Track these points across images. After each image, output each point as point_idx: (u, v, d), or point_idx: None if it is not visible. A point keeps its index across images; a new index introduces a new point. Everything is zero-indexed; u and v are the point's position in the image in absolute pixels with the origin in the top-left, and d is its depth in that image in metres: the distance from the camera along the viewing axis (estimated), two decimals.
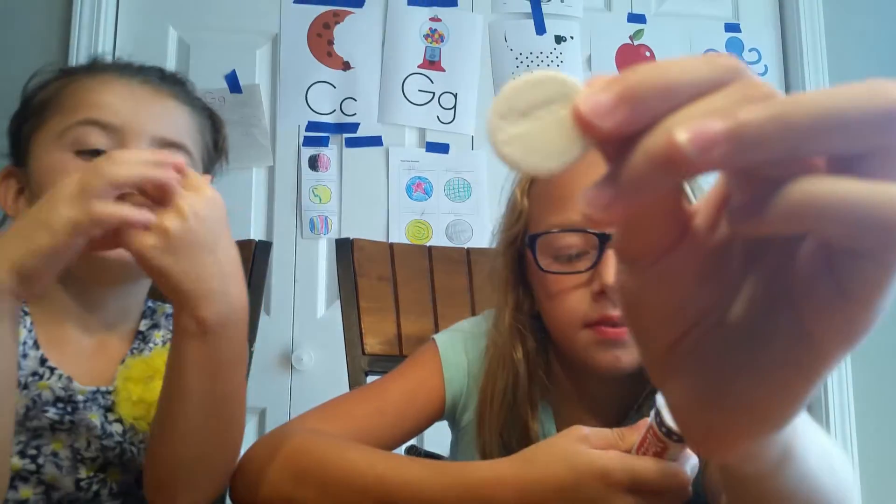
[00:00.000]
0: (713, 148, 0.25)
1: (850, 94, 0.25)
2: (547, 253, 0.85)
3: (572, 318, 0.83)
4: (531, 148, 0.29)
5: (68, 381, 0.83)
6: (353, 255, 1.29)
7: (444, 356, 0.94)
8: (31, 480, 0.82)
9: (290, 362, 1.94)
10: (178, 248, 0.65)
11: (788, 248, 0.30)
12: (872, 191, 0.25)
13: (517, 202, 0.91)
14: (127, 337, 0.91)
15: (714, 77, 0.27)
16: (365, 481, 0.69)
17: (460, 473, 0.66)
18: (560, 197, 0.86)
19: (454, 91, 2.06)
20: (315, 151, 2.02)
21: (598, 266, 0.82)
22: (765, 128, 0.25)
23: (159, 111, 0.87)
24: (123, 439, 0.85)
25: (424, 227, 2.03)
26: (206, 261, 0.67)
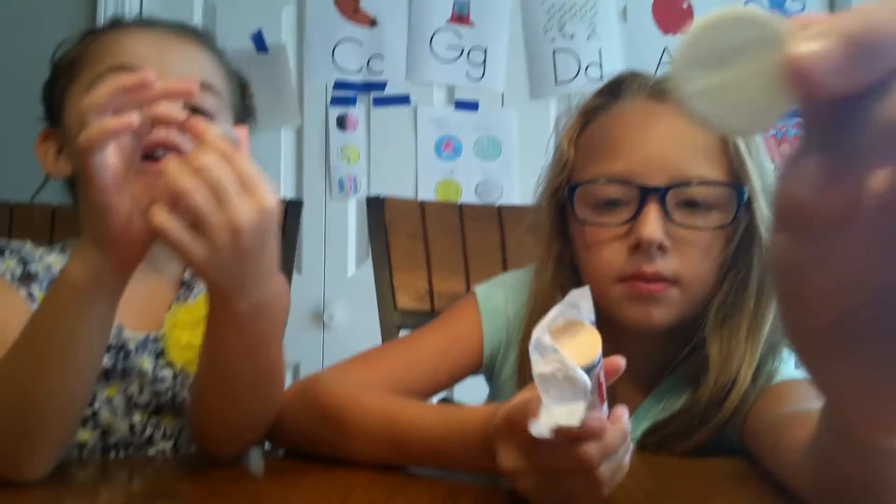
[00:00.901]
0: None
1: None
2: (586, 203, 0.84)
3: (607, 271, 0.83)
4: (729, 104, 0.25)
5: (119, 328, 0.85)
6: (384, 213, 1.29)
7: (484, 309, 0.94)
8: (89, 425, 0.85)
9: (321, 320, 1.96)
10: (228, 263, 0.62)
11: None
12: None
13: (563, 151, 0.89)
14: (173, 285, 0.92)
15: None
16: (377, 423, 0.71)
17: (457, 415, 0.67)
18: (605, 146, 0.85)
19: (484, 46, 2.03)
20: (343, 111, 2.01)
21: (637, 219, 0.81)
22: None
23: (185, 54, 0.88)
24: (175, 384, 0.87)
25: (453, 187, 2.02)
26: (252, 268, 0.64)
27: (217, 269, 0.62)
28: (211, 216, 0.60)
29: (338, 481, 0.67)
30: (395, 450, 0.70)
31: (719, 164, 0.82)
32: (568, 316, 0.54)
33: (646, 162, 0.81)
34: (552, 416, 0.51)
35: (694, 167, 0.81)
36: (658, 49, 2.06)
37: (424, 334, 0.94)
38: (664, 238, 0.79)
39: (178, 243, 0.60)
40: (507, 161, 2.02)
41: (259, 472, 0.77)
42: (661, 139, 0.82)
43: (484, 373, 0.98)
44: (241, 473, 0.73)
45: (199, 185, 0.59)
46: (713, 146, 0.82)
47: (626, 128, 0.85)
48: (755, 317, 0.83)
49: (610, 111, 0.88)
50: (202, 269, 0.62)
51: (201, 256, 0.61)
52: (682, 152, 0.82)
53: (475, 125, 2.02)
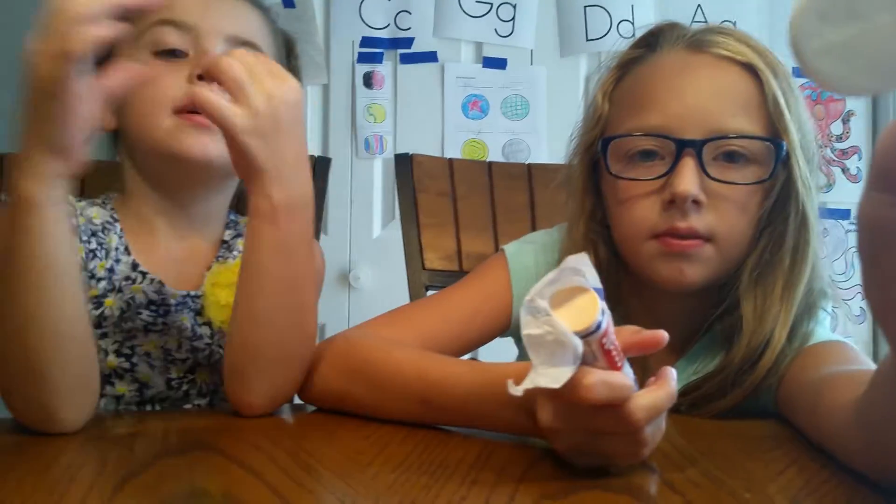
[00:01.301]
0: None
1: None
2: (619, 157, 0.83)
3: (640, 227, 0.81)
4: (859, 61, 0.22)
5: (160, 284, 0.86)
6: (413, 171, 1.28)
7: (513, 267, 0.93)
8: (126, 378, 0.86)
9: (347, 281, 1.96)
10: (265, 130, 0.68)
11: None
12: None
13: (598, 105, 0.88)
14: (213, 245, 0.93)
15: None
16: (406, 378, 0.71)
17: (490, 371, 0.67)
18: (641, 99, 0.83)
19: (513, 2, 1.99)
20: (369, 68, 1.99)
21: (672, 174, 0.79)
22: None
23: (232, 11, 0.88)
24: (212, 341, 0.88)
25: (480, 147, 2.00)
26: (287, 144, 0.71)
27: (256, 135, 0.68)
28: (247, 84, 0.67)
29: (373, 437, 0.67)
30: (426, 407, 0.69)
31: (758, 118, 0.80)
32: (573, 281, 0.52)
33: (682, 114, 0.79)
34: (536, 377, 0.50)
35: (732, 121, 0.79)
36: (692, 4, 2.01)
37: (454, 292, 0.93)
38: (699, 193, 0.78)
39: (219, 110, 0.66)
40: (535, 121, 1.99)
41: (293, 425, 0.77)
42: (698, 91, 0.81)
43: (512, 334, 0.97)
44: (277, 426, 0.74)
45: (235, 63, 0.68)
46: (752, 99, 0.81)
47: (663, 79, 0.83)
48: (790, 275, 0.81)
49: (646, 63, 0.86)
50: (243, 134, 0.67)
51: (242, 120, 0.67)
52: (720, 105, 0.80)
53: (503, 83, 2.00)
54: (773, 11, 2.06)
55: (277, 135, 0.69)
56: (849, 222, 2.05)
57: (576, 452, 0.56)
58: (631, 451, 0.55)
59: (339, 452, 0.62)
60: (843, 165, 2.07)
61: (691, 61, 0.83)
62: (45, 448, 0.63)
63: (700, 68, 0.82)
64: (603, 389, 0.52)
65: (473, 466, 0.58)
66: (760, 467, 0.60)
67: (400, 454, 0.61)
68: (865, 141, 2.08)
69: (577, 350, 0.50)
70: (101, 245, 0.86)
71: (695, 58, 0.83)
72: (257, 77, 0.68)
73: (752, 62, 0.82)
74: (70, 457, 0.61)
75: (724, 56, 0.82)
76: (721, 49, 0.82)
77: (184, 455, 0.61)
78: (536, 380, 0.50)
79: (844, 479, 0.58)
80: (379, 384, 0.73)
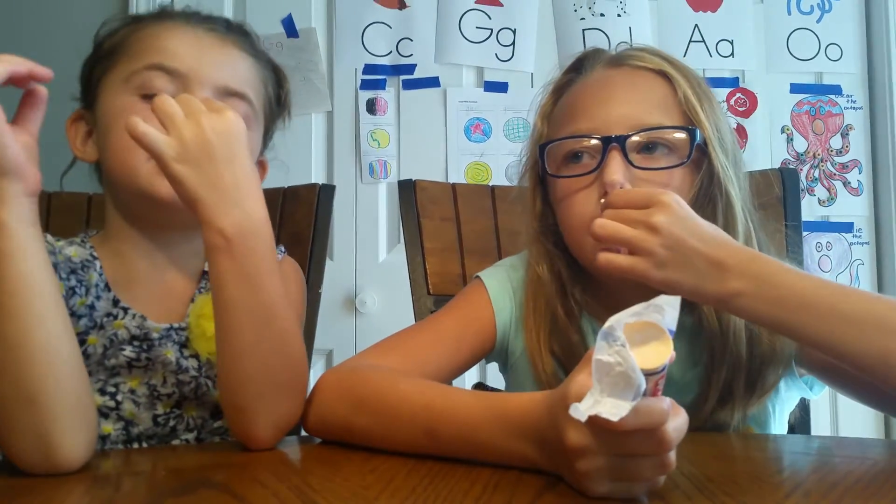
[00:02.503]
0: None
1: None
2: (556, 161, 0.91)
3: (580, 220, 0.88)
4: None
5: (142, 319, 0.86)
6: (416, 197, 1.28)
7: (490, 287, 0.99)
8: (112, 416, 0.85)
9: (353, 305, 1.96)
10: (194, 157, 0.71)
11: None
12: None
13: (538, 127, 0.98)
14: (195, 276, 0.93)
15: None
16: (413, 409, 0.71)
17: (498, 401, 0.67)
18: (571, 113, 0.92)
19: (513, 27, 2.01)
20: (372, 95, 2.01)
21: (602, 167, 0.86)
22: None
23: (223, 59, 0.89)
24: (199, 374, 0.88)
25: (484, 169, 2.01)
26: (222, 172, 0.72)
27: (185, 162, 0.71)
28: (177, 116, 0.72)
29: (378, 470, 0.66)
30: (432, 437, 0.69)
31: (674, 115, 0.90)
32: (649, 317, 0.53)
33: (607, 118, 0.88)
34: (597, 404, 0.50)
35: (650, 116, 0.88)
36: (689, 26, 2.03)
37: (442, 316, 0.97)
38: (626, 182, 0.85)
39: (146, 137, 0.71)
40: None
41: (298, 460, 0.77)
42: (619, 97, 0.90)
43: (496, 355, 1.01)
44: (281, 460, 0.73)
45: (168, 98, 0.73)
46: (666, 98, 0.90)
47: (589, 93, 0.93)
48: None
49: (575, 83, 0.96)
50: (171, 161, 0.71)
51: (169, 148, 0.71)
52: (638, 105, 0.89)
53: (505, 106, 2.01)
54: (769, 30, 2.07)
55: (210, 163, 0.72)
56: (852, 235, 2.05)
57: (598, 475, 0.55)
58: (656, 473, 0.56)
59: (344, 487, 0.62)
60: (844, 179, 2.07)
61: (612, 74, 0.93)
62: (45, 491, 0.62)
63: (618, 78, 0.92)
64: (647, 416, 0.52)
65: (479, 499, 0.58)
66: (769, 491, 0.60)
67: (406, 487, 0.61)
68: (865, 154, 2.08)
69: (640, 388, 0.51)
70: (81, 282, 0.86)
71: (614, 71, 0.93)
72: (192, 111, 0.72)
73: (663, 69, 0.91)
74: (74, 499, 0.61)
75: (639, 66, 0.92)
76: (636, 61, 0.93)
77: (188, 494, 0.61)
78: (598, 408, 0.51)
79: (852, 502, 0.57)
80: (385, 414, 0.73)
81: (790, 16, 2.07)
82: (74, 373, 0.69)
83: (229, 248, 0.72)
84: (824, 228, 2.06)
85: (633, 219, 0.76)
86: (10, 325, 0.66)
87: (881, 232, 2.07)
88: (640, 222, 0.76)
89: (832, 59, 2.07)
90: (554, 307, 0.93)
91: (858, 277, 2.05)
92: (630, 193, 0.79)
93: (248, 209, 0.74)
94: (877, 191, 2.08)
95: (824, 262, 2.04)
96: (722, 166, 0.88)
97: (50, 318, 0.67)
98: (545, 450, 0.61)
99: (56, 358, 0.67)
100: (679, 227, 0.75)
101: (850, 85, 2.08)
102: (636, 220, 0.76)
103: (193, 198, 0.72)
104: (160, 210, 0.84)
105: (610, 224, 0.77)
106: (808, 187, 2.06)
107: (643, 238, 0.75)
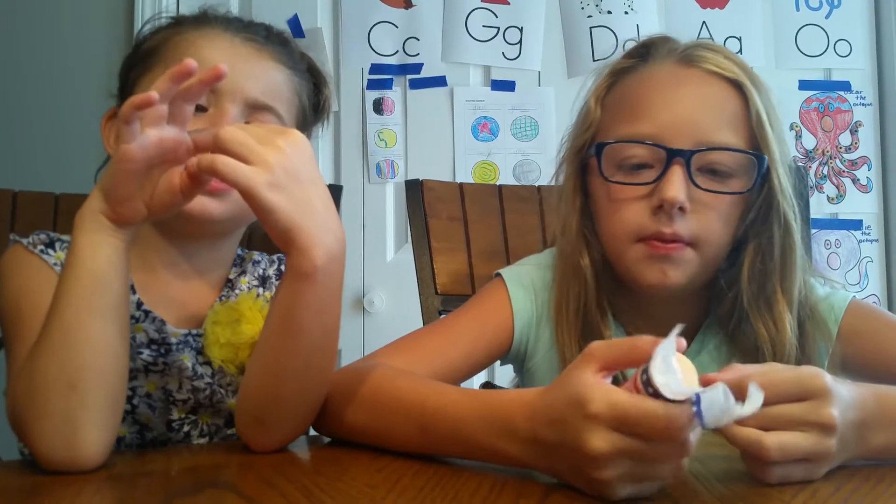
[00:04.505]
0: None
1: None
2: (612, 162, 0.87)
3: (627, 229, 0.86)
4: None
5: (162, 323, 0.86)
6: (424, 196, 1.28)
7: (511, 288, 0.96)
8: (127, 420, 0.85)
9: (361, 305, 1.97)
10: (283, 183, 0.66)
11: None
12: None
13: (590, 110, 0.92)
14: (217, 285, 0.93)
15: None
16: (407, 407, 0.71)
17: (489, 398, 0.66)
18: (633, 107, 0.88)
19: (520, 25, 2.01)
20: (379, 94, 2.01)
21: (662, 180, 0.83)
22: None
23: (256, 71, 0.88)
24: (213, 381, 0.88)
25: (491, 168, 2.01)
26: (311, 195, 0.68)
27: (276, 189, 0.65)
28: (252, 143, 0.66)
29: (386, 470, 0.67)
30: (426, 435, 0.69)
31: (741, 132, 0.86)
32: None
33: (672, 124, 0.84)
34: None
35: (718, 133, 0.84)
36: (697, 23, 2.02)
37: (458, 316, 0.95)
38: (686, 200, 0.82)
39: (233, 170, 0.64)
40: (544, 141, 2.00)
41: (306, 460, 0.77)
42: (688, 103, 0.86)
43: (512, 357, 0.99)
44: (290, 461, 0.73)
45: (232, 128, 0.67)
46: (736, 114, 0.86)
47: (655, 90, 0.88)
48: (784, 280, 0.88)
49: (638, 73, 0.91)
50: (261, 189, 0.64)
51: (257, 175, 0.64)
52: (707, 118, 0.85)
53: (512, 105, 2.01)
54: (778, 26, 2.06)
55: (299, 187, 0.67)
56: (861, 233, 2.04)
57: (620, 482, 0.54)
58: (671, 474, 0.55)
59: (352, 487, 0.62)
60: (854, 176, 2.06)
61: (681, 74, 0.88)
62: (59, 489, 0.63)
63: (689, 81, 0.87)
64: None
65: (487, 499, 0.58)
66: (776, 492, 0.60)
67: (413, 487, 0.61)
68: (874, 151, 2.07)
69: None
70: None
71: (685, 71, 0.88)
72: (262, 136, 0.67)
73: (738, 79, 0.87)
74: (85, 498, 0.61)
75: (712, 71, 0.87)
76: (710, 64, 0.88)
77: (197, 495, 0.61)
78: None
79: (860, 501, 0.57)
80: (382, 412, 0.73)
81: (798, 12, 2.07)
82: (118, 372, 0.69)
83: (314, 276, 0.68)
84: (833, 226, 2.05)
85: (796, 420, 0.59)
86: (70, 310, 0.67)
87: (890, 229, 2.06)
88: (809, 424, 0.59)
89: (841, 55, 2.06)
90: (589, 300, 0.90)
91: (867, 275, 2.04)
92: (778, 385, 0.59)
93: (338, 233, 0.70)
94: (886, 188, 2.07)
95: (833, 260, 2.03)
96: (783, 192, 0.86)
97: (109, 314, 0.68)
98: (537, 450, 0.59)
99: (105, 352, 0.68)
100: (848, 414, 0.61)
101: (860, 81, 2.07)
102: (802, 422, 0.59)
103: (289, 226, 0.66)
104: (184, 223, 0.84)
105: (784, 442, 0.59)
106: (816, 184, 2.05)
107: (819, 443, 0.59)
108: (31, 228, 0.91)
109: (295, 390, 0.73)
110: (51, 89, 1.97)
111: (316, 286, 0.69)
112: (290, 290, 0.70)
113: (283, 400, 0.73)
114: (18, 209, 1.13)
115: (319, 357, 0.74)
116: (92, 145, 0.92)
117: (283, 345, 0.71)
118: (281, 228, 0.67)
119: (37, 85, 1.98)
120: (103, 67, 0.94)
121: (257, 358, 0.75)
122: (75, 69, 1.94)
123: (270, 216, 0.66)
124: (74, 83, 1.91)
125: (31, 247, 0.84)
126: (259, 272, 0.96)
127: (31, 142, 1.96)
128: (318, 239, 0.68)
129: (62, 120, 1.93)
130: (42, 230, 0.88)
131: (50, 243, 0.85)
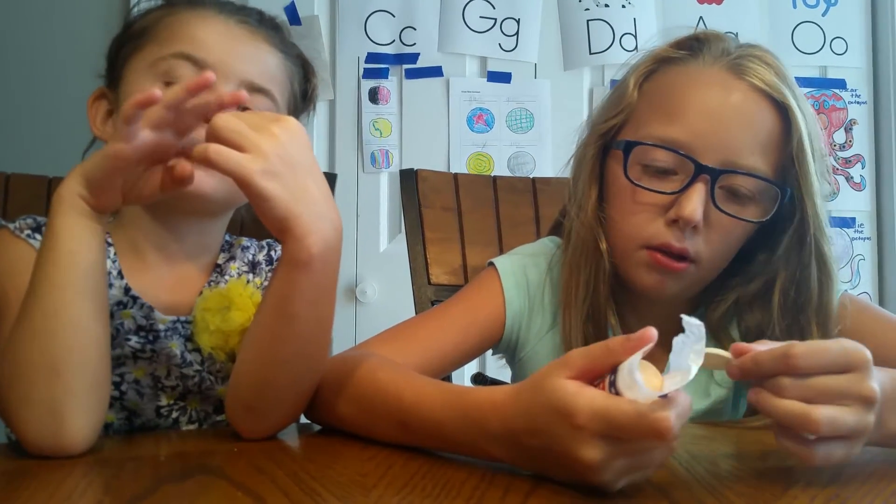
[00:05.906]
0: None
1: None
2: (637, 160, 0.85)
3: (637, 233, 0.85)
4: None
5: (150, 310, 0.85)
6: (418, 186, 1.28)
7: (504, 277, 0.95)
8: (115, 406, 0.85)
9: (354, 295, 1.96)
10: (279, 171, 0.65)
11: None
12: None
13: (627, 93, 0.89)
14: (206, 270, 0.92)
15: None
16: (387, 400, 0.70)
17: (462, 397, 0.65)
18: (671, 105, 0.85)
19: (517, 17, 2.00)
20: (375, 84, 2.00)
21: (683, 195, 0.82)
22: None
23: (251, 54, 0.88)
24: (202, 368, 0.87)
25: (486, 160, 2.00)
26: (307, 183, 0.67)
27: (271, 176, 0.64)
28: (246, 130, 0.65)
29: (377, 458, 0.66)
30: (404, 429, 0.68)
31: (772, 158, 0.84)
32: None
33: (706, 137, 0.82)
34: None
35: (749, 156, 0.82)
36: (693, 18, 2.02)
37: (450, 305, 0.95)
38: (701, 219, 0.82)
39: (226, 158, 0.63)
40: (539, 133, 2.00)
41: (296, 447, 0.77)
42: (726, 118, 0.83)
43: (503, 346, 0.98)
44: (280, 448, 0.73)
45: (226, 116, 0.65)
46: (773, 138, 0.84)
47: (697, 94, 0.85)
48: (819, 312, 0.86)
49: (684, 66, 0.87)
50: (256, 176, 0.64)
51: (251, 163, 0.64)
52: (742, 137, 0.83)
53: (508, 96, 2.00)
54: (774, 23, 2.06)
55: (294, 174, 0.66)
56: (853, 230, 2.05)
57: (616, 478, 0.55)
58: (665, 455, 0.56)
59: (342, 475, 0.62)
60: (847, 174, 2.07)
61: (728, 84, 0.84)
62: (46, 473, 0.63)
63: (734, 94, 0.84)
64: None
65: (478, 487, 0.58)
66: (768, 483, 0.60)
67: (404, 476, 0.61)
68: (868, 149, 2.08)
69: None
70: None
71: (733, 81, 0.84)
72: (256, 124, 0.66)
73: (785, 101, 0.83)
74: (72, 482, 0.61)
75: (760, 89, 0.83)
76: (759, 80, 0.84)
77: (187, 480, 0.61)
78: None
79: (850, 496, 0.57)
80: (364, 404, 0.73)
81: (795, 9, 2.07)
82: (100, 355, 0.69)
83: (310, 265, 0.68)
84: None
85: (840, 392, 0.58)
86: (51, 294, 0.66)
87: (883, 227, 2.07)
88: (852, 397, 0.58)
89: (837, 52, 2.07)
90: (601, 283, 0.88)
91: (859, 273, 2.05)
92: (823, 354, 0.59)
93: (335, 221, 0.70)
94: (879, 186, 2.08)
95: None
96: (819, 227, 0.85)
97: (88, 296, 0.68)
98: (520, 453, 0.59)
99: (86, 336, 0.67)
100: (889, 385, 0.61)
101: (855, 79, 2.08)
102: (846, 395, 0.58)
103: (284, 215, 0.66)
104: (175, 199, 0.81)
105: (834, 416, 0.57)
106: None
107: (862, 419, 0.58)
108: (23, 212, 0.90)
109: (287, 379, 0.73)
110: (44, 72, 1.95)
111: (311, 275, 0.68)
112: (285, 278, 0.69)
113: (275, 388, 0.72)
114: (10, 192, 1.12)
115: (313, 346, 0.73)
116: (85, 129, 0.91)
117: (276, 333, 0.71)
118: (276, 217, 0.66)
119: (30, 68, 1.96)
120: (96, 50, 0.93)
121: (250, 346, 0.74)
122: (68, 52, 1.92)
123: (265, 204, 0.65)
124: (67, 66, 1.89)
125: (18, 231, 0.83)
126: (248, 258, 0.96)
127: (23, 125, 1.94)
128: (313, 227, 0.67)
129: (55, 103, 1.91)
130: (29, 214, 0.87)
131: (37, 227, 0.85)
